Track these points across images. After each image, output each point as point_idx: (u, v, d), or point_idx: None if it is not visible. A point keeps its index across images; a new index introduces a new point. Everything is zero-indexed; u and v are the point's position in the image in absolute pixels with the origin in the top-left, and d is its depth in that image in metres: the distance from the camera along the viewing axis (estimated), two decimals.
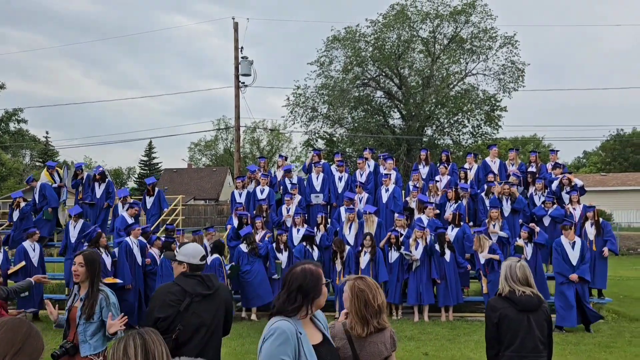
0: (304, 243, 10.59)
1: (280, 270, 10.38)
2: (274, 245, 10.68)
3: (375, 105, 31.81)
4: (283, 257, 10.55)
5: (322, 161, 13.10)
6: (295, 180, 12.69)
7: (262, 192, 12.23)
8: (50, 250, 14.29)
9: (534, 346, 3.47)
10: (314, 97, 30.73)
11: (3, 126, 45.98)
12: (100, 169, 13.36)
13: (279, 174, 13.17)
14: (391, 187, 11.96)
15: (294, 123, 31.57)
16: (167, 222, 12.34)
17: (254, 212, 11.66)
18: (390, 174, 12.16)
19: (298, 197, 12.10)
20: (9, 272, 10.04)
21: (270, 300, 10.04)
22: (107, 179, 12.99)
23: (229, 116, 61.46)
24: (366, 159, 12.88)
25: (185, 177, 53.69)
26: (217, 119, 62.84)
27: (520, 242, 10.13)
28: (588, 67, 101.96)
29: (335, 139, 32.95)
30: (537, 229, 10.29)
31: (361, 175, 12.46)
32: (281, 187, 12.50)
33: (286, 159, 14.24)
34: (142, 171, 68.50)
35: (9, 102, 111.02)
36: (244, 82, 22.87)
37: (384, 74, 30.72)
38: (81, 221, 11.40)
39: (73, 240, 11.12)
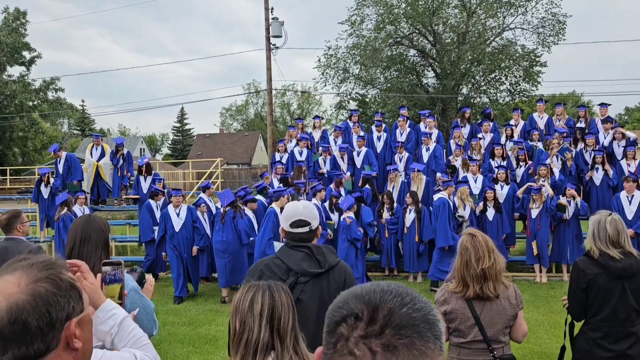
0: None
1: (333, 230, 10.24)
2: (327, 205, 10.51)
3: (409, 64, 30.90)
4: (335, 218, 10.43)
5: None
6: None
7: (300, 153, 12.04)
8: None
9: (626, 317, 3.11)
10: (345, 57, 30.03)
11: (42, 95, 46.74)
12: (146, 159, 12.53)
13: (316, 135, 12.94)
14: (432, 146, 11.61)
15: (325, 85, 31.04)
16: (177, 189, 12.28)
17: (292, 173, 11.52)
18: (431, 133, 11.80)
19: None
20: None
21: None
22: (152, 172, 12.23)
23: (259, 80, 61.28)
24: (407, 118, 12.51)
25: (217, 142, 54.07)
26: (248, 84, 62.64)
27: (563, 200, 9.75)
28: (630, 17, 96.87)
29: (367, 100, 32.31)
30: (579, 199, 9.82)
31: (401, 134, 12.13)
32: (320, 149, 12.28)
33: (322, 119, 13.96)
34: (175, 137, 69.49)
35: (44, 72, 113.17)
36: (274, 44, 22.45)
37: (417, 31, 29.69)
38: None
39: None
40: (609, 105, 11.95)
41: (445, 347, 0.89)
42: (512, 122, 12.30)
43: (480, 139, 11.79)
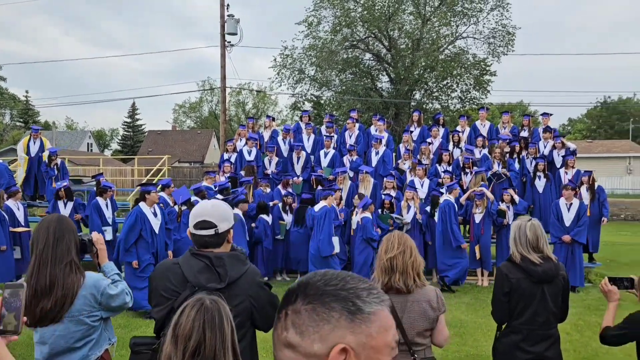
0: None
1: (284, 231, 10.26)
2: (280, 205, 10.42)
3: (364, 68, 31.18)
4: (287, 218, 10.34)
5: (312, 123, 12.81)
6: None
7: (249, 153, 11.87)
8: None
9: (545, 320, 3.21)
10: (301, 58, 29.99)
11: None
12: (56, 150, 11.90)
13: (266, 134, 12.80)
14: (382, 150, 11.69)
15: (281, 85, 30.92)
16: (153, 183, 11.89)
17: (242, 172, 11.34)
18: (382, 137, 11.87)
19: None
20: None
21: None
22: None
23: (214, 77, 60.29)
24: (356, 120, 12.55)
25: (169, 139, 52.87)
26: (202, 81, 61.66)
27: (502, 206, 10.09)
28: (577, 33, 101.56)
29: (322, 102, 32.37)
30: (516, 197, 10.21)
31: (350, 136, 12.15)
32: (267, 149, 12.15)
33: (274, 119, 13.84)
34: (125, 133, 67.48)
35: None
36: (230, 42, 22.13)
37: (373, 35, 29.99)
38: None
39: None
40: (551, 115, 12.39)
41: (373, 325, 0.95)
42: (458, 128, 12.55)
43: (429, 143, 11.96)
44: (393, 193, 10.40)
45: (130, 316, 7.86)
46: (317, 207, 9.28)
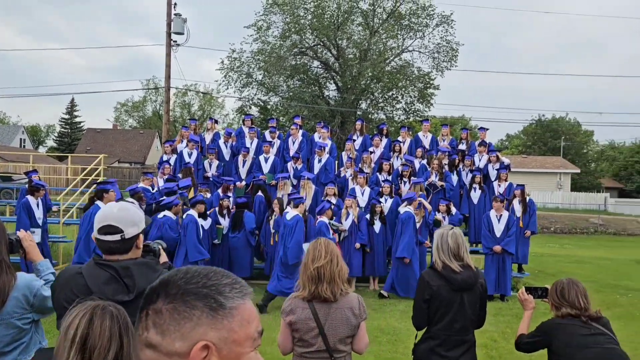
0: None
1: (220, 236, 10.03)
2: (217, 209, 10.21)
3: (312, 75, 31.38)
4: (224, 222, 10.14)
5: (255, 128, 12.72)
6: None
7: (189, 155, 11.61)
8: None
9: (462, 326, 3.29)
10: (249, 62, 29.82)
11: None
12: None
13: (208, 137, 12.58)
14: (324, 158, 11.74)
15: (228, 88, 30.56)
16: (85, 184, 11.41)
17: (180, 174, 11.07)
18: (325, 145, 11.93)
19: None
20: None
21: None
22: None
23: (159, 77, 58.88)
24: (300, 126, 12.55)
25: (109, 138, 51.02)
26: (147, 79, 59.98)
27: (439, 216, 10.41)
28: (519, 52, 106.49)
29: (269, 107, 32.26)
30: (453, 208, 10.53)
31: (293, 142, 12.14)
32: (209, 152, 11.92)
33: (217, 122, 13.63)
34: (62, 129, 64.52)
35: None
36: (176, 41, 21.67)
37: (322, 43, 30.26)
38: None
39: None
40: (487, 130, 12.87)
41: (235, 320, 0.97)
42: (400, 138, 12.81)
43: (371, 152, 12.13)
44: (334, 200, 10.45)
45: None
46: (288, 216, 9.20)
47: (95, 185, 9.55)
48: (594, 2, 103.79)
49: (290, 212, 9.19)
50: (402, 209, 10.07)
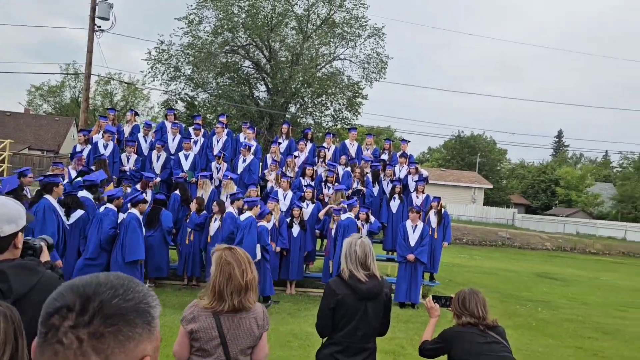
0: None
1: None
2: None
3: (242, 74, 31.00)
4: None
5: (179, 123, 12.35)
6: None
7: (105, 147, 11.06)
8: None
9: (364, 334, 3.36)
10: (178, 55, 28.94)
11: None
12: None
13: (127, 129, 12.05)
14: (249, 158, 11.62)
15: (154, 80, 29.47)
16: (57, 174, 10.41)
17: (93, 166, 10.51)
18: (250, 145, 11.80)
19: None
20: None
21: None
22: None
23: (80, 62, 55.76)
24: (226, 125, 12.35)
25: (20, 123, 47.54)
26: (66, 64, 56.54)
27: (358, 223, 10.59)
28: (444, 70, 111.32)
29: (196, 103, 31.48)
30: (372, 217, 10.78)
31: (218, 141, 11.92)
32: (127, 144, 11.43)
33: (137, 114, 13.08)
34: None
35: None
36: (100, 26, 20.61)
37: (254, 43, 30.00)
38: None
39: None
40: (409, 142, 13.31)
41: (158, 328, 0.98)
42: (325, 144, 12.95)
43: (295, 157, 12.15)
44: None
45: None
46: (242, 216, 9.17)
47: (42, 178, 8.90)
48: (514, 29, 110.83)
49: (245, 214, 9.21)
50: (344, 215, 10.19)
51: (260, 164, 12.38)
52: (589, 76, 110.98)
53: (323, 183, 11.74)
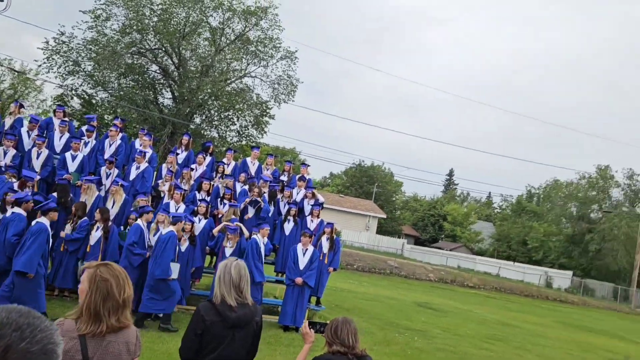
0: None
1: None
2: None
3: (148, 78, 29.88)
4: None
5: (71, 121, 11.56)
6: None
7: None
8: None
9: None
10: (79, 49, 27.28)
11: None
12: None
13: (8, 122, 11.05)
14: (143, 165, 11.14)
15: (49, 72, 27.43)
16: None
17: None
18: (145, 152, 11.32)
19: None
20: None
21: None
22: None
23: None
24: (121, 129, 11.77)
25: None
26: None
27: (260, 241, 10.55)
28: (352, 100, 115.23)
29: (94, 102, 29.74)
30: (247, 234, 10.66)
31: (110, 145, 11.30)
32: (6, 138, 10.46)
33: (22, 106, 12.05)
34: None
35: None
36: None
37: (164, 49, 29.12)
38: None
39: None
40: (309, 166, 13.55)
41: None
42: (225, 160, 12.76)
43: (192, 169, 11.84)
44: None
45: None
46: (164, 230, 9.09)
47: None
48: (415, 67, 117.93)
49: (167, 228, 9.10)
50: (256, 236, 10.18)
51: (155, 173, 11.92)
52: (480, 122, 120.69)
53: (219, 199, 11.53)
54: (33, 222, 8.01)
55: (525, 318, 20.82)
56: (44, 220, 7.95)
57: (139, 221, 9.38)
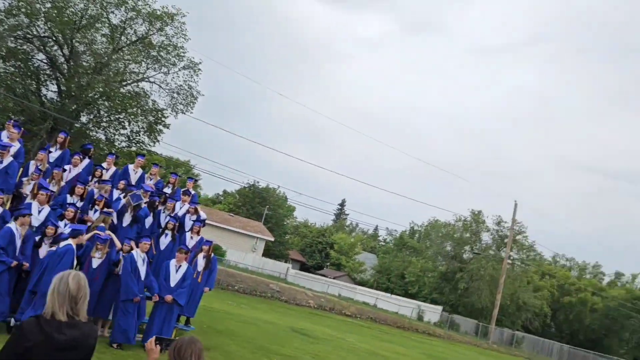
0: None
1: None
2: None
3: (32, 67, 27.52)
4: None
5: None
6: None
7: None
8: None
9: None
10: None
11: None
12: None
13: None
14: (7, 160, 10.06)
15: None
16: None
17: None
18: (11, 145, 10.26)
19: None
20: None
21: None
22: None
23: None
24: None
25: None
26: None
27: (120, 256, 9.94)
28: (256, 121, 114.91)
29: None
30: (118, 245, 10.07)
31: None
32: None
33: None
34: None
35: None
36: None
37: (54, 38, 27.07)
38: None
39: None
40: (196, 180, 13.14)
41: None
42: (104, 164, 11.97)
43: (64, 170, 10.93)
44: (0, 210, 8.92)
45: None
46: (62, 243, 8.64)
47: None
48: (320, 97, 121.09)
49: (68, 241, 8.56)
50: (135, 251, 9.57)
51: (21, 169, 10.83)
52: (374, 157, 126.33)
53: (91, 205, 10.72)
54: None
55: (394, 349, 21.62)
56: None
57: (12, 224, 8.41)
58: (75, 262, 8.71)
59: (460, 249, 53.48)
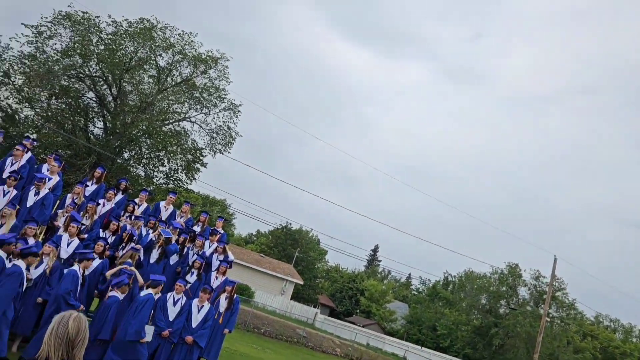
0: None
1: None
2: None
3: (82, 104, 28.84)
4: None
5: None
6: None
7: None
8: None
9: None
10: (12, 61, 26.09)
11: None
12: None
13: None
14: (43, 192, 10.40)
15: None
16: None
17: None
18: (50, 178, 10.63)
19: None
20: None
21: None
22: None
23: None
24: (29, 149, 11.05)
25: None
26: None
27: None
28: (291, 162, 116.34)
29: (17, 117, 28.15)
30: (141, 281, 10.05)
31: (12, 164, 10.54)
32: None
33: None
34: None
35: None
36: None
37: (104, 78, 28.40)
38: None
39: None
40: (225, 219, 13.20)
41: None
42: (137, 200, 12.22)
43: (98, 204, 11.21)
44: (32, 241, 9.14)
45: None
46: (143, 293, 9.02)
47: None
48: (356, 142, 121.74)
49: (145, 290, 9.25)
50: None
51: (58, 202, 11.16)
52: (409, 204, 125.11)
53: (124, 241, 10.90)
54: None
55: None
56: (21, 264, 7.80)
57: (20, 262, 7.98)
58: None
59: (496, 302, 51.45)
